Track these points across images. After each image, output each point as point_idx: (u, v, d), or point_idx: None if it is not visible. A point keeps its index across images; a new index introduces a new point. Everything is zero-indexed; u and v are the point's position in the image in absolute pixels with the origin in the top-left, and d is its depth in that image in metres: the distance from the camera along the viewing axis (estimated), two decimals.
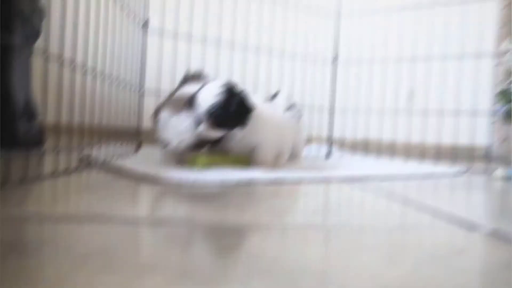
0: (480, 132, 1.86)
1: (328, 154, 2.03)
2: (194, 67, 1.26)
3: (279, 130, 1.29)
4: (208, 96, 1.04)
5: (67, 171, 0.92)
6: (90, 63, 1.04)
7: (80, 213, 0.59)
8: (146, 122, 1.64)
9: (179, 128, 1.02)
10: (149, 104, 1.67)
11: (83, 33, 1.01)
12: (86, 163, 1.08)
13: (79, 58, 0.97)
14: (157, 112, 1.08)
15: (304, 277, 0.38)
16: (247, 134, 1.13)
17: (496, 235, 0.58)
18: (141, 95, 1.56)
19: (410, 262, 0.45)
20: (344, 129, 2.03)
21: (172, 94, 1.13)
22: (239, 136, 1.11)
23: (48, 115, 0.93)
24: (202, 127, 1.04)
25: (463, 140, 1.77)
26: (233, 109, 1.04)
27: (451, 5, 1.75)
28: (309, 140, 2.03)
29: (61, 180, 0.84)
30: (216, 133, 1.08)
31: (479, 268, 0.44)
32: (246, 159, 1.19)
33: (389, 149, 1.96)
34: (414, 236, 0.58)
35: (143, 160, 1.22)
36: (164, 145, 1.05)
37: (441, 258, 0.47)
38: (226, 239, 0.49)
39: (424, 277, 0.40)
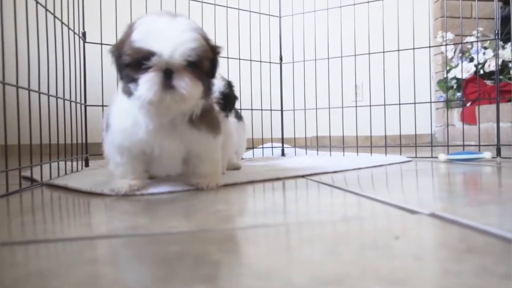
0: (424, 120, 1.94)
1: (282, 153, 2.06)
2: None
3: (234, 135, 1.30)
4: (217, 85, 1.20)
5: (8, 193, 0.88)
6: (32, 80, 1.00)
7: (16, 236, 0.57)
8: (93, 136, 1.59)
9: None
10: (94, 117, 1.62)
11: (24, 49, 0.96)
12: (30, 183, 1.03)
13: (22, 76, 0.93)
14: None
15: (248, 277, 0.38)
16: None
17: (434, 217, 0.61)
18: (85, 108, 1.51)
19: (351, 251, 0.46)
20: (296, 128, 2.06)
21: None
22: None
23: None
24: None
25: (409, 129, 1.84)
26: (232, 99, 1.28)
27: (386, 0, 1.83)
28: (263, 141, 2.04)
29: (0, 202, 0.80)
30: None
31: (416, 250, 0.46)
32: None
33: (340, 144, 2.01)
34: (357, 225, 0.60)
35: (90, 175, 1.18)
36: None
37: (381, 244, 0.48)
38: (170, 247, 0.48)
39: (362, 264, 0.41)
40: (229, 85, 1.28)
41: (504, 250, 0.45)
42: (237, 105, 1.62)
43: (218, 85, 1.20)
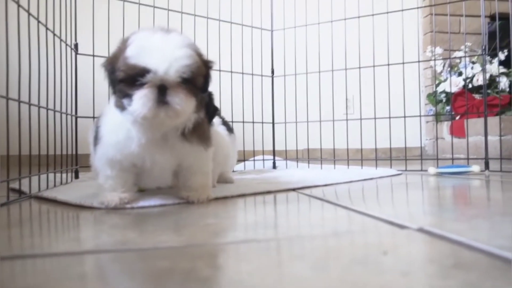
0: (414, 133, 1.96)
1: (274, 166, 2.06)
2: None
3: (225, 148, 1.29)
4: None
5: None
6: (23, 90, 0.99)
7: (2, 250, 0.56)
8: (83, 147, 1.58)
9: None
10: (85, 128, 1.62)
11: (15, 60, 0.96)
12: (18, 195, 1.02)
13: (13, 86, 0.93)
14: None
15: None
16: None
17: (423, 232, 0.61)
18: (76, 119, 1.51)
19: (339, 267, 0.46)
20: (287, 140, 2.06)
21: None
22: None
23: None
24: None
25: (400, 142, 1.85)
26: (211, 109, 1.13)
27: (376, 16, 1.86)
28: (254, 153, 2.05)
29: None
30: None
31: (404, 266, 0.46)
32: None
33: (331, 156, 2.02)
34: (347, 240, 0.60)
35: (79, 188, 1.17)
36: None
37: (370, 260, 0.49)
38: (159, 263, 0.48)
39: (351, 280, 0.41)
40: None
41: (491, 266, 0.45)
42: (228, 118, 1.63)
43: None
